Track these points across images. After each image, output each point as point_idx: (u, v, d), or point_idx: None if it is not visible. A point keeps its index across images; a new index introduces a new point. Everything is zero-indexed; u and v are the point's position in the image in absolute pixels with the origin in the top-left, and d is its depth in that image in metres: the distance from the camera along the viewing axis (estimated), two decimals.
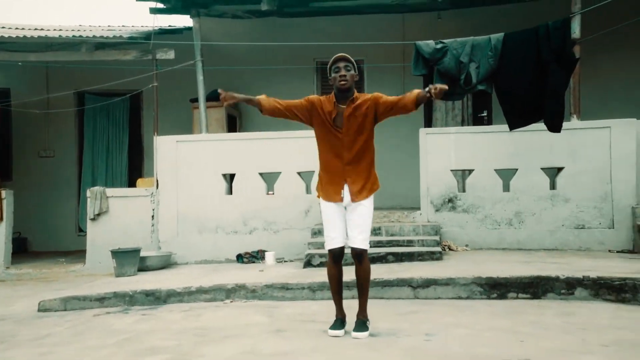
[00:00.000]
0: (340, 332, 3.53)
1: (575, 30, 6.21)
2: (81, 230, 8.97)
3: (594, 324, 3.65)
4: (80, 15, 25.45)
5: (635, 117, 6.38)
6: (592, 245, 6.17)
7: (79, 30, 8.01)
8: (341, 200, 3.50)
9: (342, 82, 3.41)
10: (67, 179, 9.41)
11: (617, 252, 5.99)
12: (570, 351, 3.06)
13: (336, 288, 3.63)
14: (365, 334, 3.47)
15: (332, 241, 3.56)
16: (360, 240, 3.48)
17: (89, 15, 25.56)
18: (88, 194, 7.21)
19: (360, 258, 3.51)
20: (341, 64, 3.44)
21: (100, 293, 5.07)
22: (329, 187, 3.53)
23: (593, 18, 6.51)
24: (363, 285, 3.54)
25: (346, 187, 3.49)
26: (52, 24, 10.07)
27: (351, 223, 3.53)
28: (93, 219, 7.13)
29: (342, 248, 3.57)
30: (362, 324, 3.52)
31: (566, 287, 4.43)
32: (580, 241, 6.21)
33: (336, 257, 3.58)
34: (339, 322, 3.59)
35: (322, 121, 3.49)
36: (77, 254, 8.09)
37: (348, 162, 3.47)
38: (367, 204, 3.52)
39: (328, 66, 3.51)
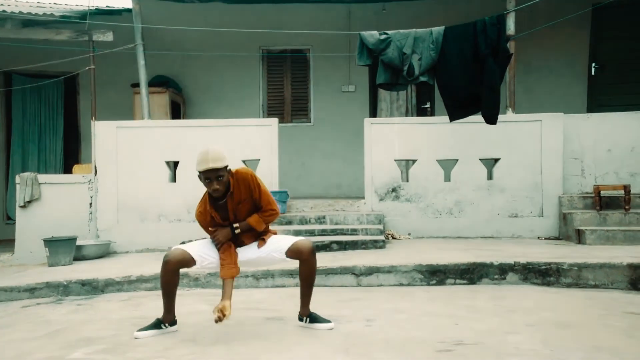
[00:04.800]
0: (147, 333, 3.32)
1: (510, 27, 6.47)
2: (9, 219, 8.49)
3: (521, 306, 3.88)
4: None
5: (561, 111, 6.75)
6: (523, 233, 6.51)
7: (2, 5, 7.43)
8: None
9: (217, 195, 3.25)
10: None
11: (545, 239, 6.36)
12: (498, 331, 3.24)
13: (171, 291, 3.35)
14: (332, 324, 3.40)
15: (180, 250, 3.27)
16: (299, 241, 3.32)
17: None
18: (17, 179, 6.81)
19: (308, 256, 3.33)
20: (212, 176, 3.16)
21: (31, 283, 4.83)
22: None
23: (526, 16, 6.82)
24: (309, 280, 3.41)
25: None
26: None
27: (278, 249, 3.35)
28: (23, 206, 6.75)
29: (180, 263, 3.26)
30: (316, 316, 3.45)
31: (499, 273, 4.68)
32: (514, 229, 6.54)
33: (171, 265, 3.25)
34: (156, 323, 3.39)
35: (212, 220, 3.35)
36: (5, 243, 7.64)
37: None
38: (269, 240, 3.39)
39: (197, 172, 3.20)
